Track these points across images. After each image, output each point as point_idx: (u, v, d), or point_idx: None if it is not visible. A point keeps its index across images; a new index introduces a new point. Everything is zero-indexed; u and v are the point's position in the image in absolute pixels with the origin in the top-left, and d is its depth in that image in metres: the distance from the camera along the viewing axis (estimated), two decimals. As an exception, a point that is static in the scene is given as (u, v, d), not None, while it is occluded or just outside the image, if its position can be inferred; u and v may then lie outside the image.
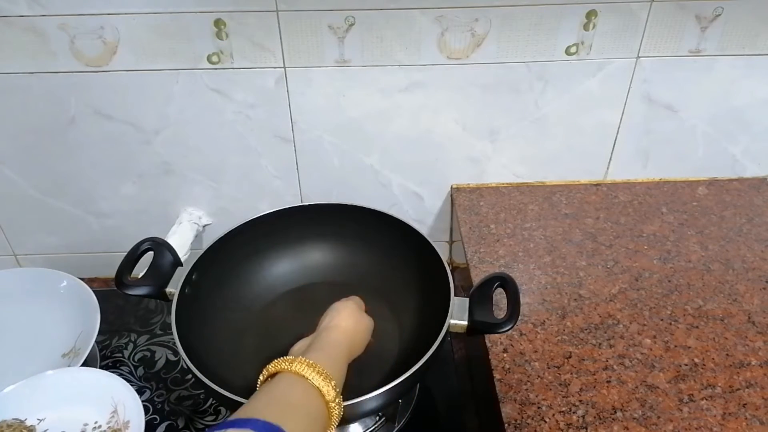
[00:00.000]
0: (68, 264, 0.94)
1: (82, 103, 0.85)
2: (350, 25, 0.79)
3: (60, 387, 0.58)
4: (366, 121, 0.88)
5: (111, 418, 0.57)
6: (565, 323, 0.73)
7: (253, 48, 0.80)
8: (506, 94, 0.86)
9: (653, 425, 0.62)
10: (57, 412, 0.57)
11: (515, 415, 0.63)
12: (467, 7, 0.77)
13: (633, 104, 0.88)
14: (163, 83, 0.83)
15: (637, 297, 0.76)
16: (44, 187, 0.94)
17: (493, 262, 0.82)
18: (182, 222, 0.95)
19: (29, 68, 0.81)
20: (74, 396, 0.58)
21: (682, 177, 0.96)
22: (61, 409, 0.57)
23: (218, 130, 0.88)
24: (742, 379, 0.66)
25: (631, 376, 0.67)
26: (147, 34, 0.79)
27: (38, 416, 0.56)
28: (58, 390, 0.58)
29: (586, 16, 0.79)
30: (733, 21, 0.80)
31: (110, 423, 0.57)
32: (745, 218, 0.89)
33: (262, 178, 0.94)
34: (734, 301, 0.75)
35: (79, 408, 0.58)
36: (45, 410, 0.56)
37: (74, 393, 0.58)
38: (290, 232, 0.84)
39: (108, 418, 0.57)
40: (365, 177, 0.94)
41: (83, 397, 0.58)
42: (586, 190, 0.95)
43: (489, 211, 0.91)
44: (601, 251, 0.83)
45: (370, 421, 0.75)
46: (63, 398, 0.58)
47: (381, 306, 0.80)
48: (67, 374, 0.60)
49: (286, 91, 0.85)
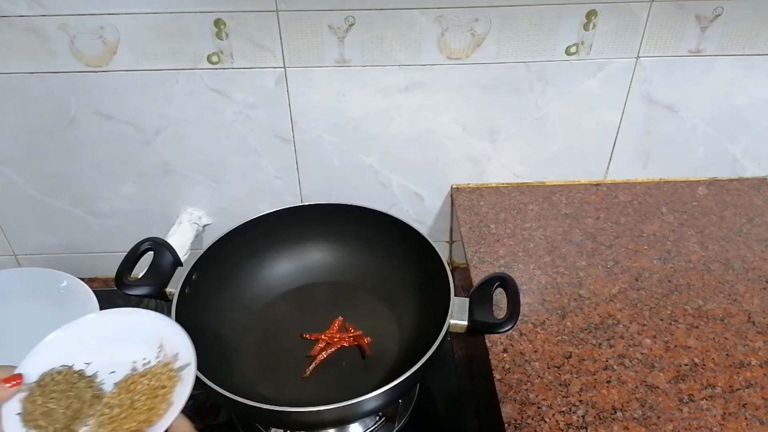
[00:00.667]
0: (68, 264, 0.94)
1: (82, 103, 0.85)
2: (350, 25, 0.79)
3: (101, 330, 0.57)
4: (366, 121, 0.88)
5: (159, 353, 0.56)
6: (565, 323, 0.73)
7: (253, 48, 0.80)
8: (506, 94, 0.86)
9: (653, 425, 0.62)
10: (102, 355, 0.55)
11: (515, 415, 0.63)
12: (467, 7, 0.78)
13: (633, 104, 0.88)
14: (163, 83, 0.83)
15: (637, 297, 0.76)
16: (44, 187, 0.94)
17: (493, 262, 0.82)
18: (182, 222, 0.95)
19: (29, 68, 0.81)
20: (117, 337, 0.57)
21: (682, 177, 0.96)
22: (105, 351, 0.56)
23: (218, 130, 0.88)
24: (742, 379, 0.66)
25: (631, 376, 0.67)
26: (147, 34, 0.79)
27: (84, 360, 0.54)
28: (100, 333, 0.57)
29: (586, 16, 0.79)
30: (733, 21, 0.80)
31: (159, 357, 0.56)
32: (745, 218, 0.89)
33: (262, 178, 0.94)
34: (734, 301, 0.75)
35: (124, 348, 0.56)
36: (90, 353, 0.55)
37: (117, 334, 0.57)
38: (290, 232, 0.83)
39: (156, 353, 0.56)
40: (365, 177, 0.94)
41: (126, 336, 0.57)
42: (586, 190, 0.95)
43: (489, 211, 0.91)
44: (601, 251, 0.83)
45: (370, 421, 0.75)
46: (106, 340, 0.56)
47: (381, 306, 0.81)
48: (106, 316, 0.59)
49: (286, 91, 0.85)
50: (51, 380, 0.51)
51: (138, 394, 0.52)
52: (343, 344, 0.76)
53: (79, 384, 0.52)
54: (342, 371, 0.74)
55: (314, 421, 0.63)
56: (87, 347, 0.54)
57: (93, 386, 0.52)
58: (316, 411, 0.57)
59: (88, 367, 0.53)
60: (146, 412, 0.51)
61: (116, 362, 0.55)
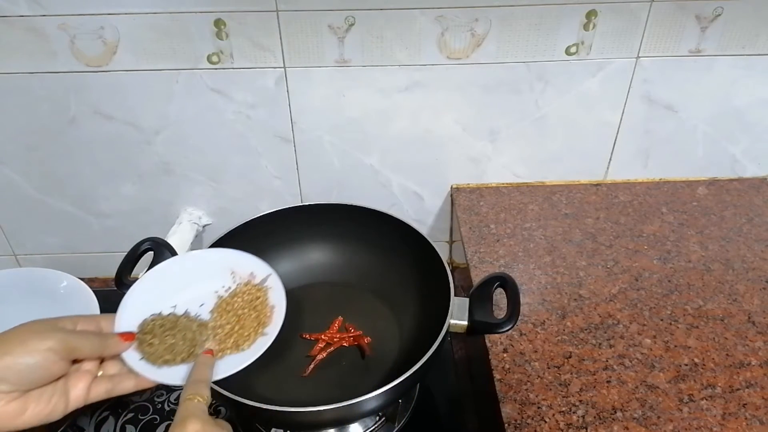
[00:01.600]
0: (68, 264, 0.94)
1: (82, 103, 0.85)
2: (350, 25, 0.79)
3: (168, 279, 0.61)
4: (366, 121, 0.88)
5: (234, 277, 0.62)
6: (565, 323, 0.73)
7: (253, 48, 0.80)
8: (506, 94, 0.86)
9: (653, 425, 0.62)
10: (181, 297, 0.60)
11: (515, 415, 0.63)
12: (467, 7, 0.78)
13: (633, 104, 0.88)
14: (163, 83, 0.83)
15: (637, 297, 0.76)
16: (44, 187, 0.94)
17: (493, 262, 0.82)
18: (182, 222, 0.95)
19: (29, 68, 0.81)
20: (187, 280, 0.61)
21: (682, 177, 0.96)
22: (183, 293, 0.60)
23: (218, 130, 0.88)
24: (742, 379, 0.66)
25: (631, 376, 0.67)
26: (147, 34, 0.79)
27: (169, 305, 0.59)
28: (168, 282, 0.61)
29: (586, 16, 0.79)
30: (733, 21, 0.80)
31: (236, 281, 0.61)
32: (745, 218, 0.89)
33: (262, 178, 0.94)
34: (734, 301, 0.75)
35: (199, 286, 0.61)
36: (170, 299, 0.60)
37: (185, 278, 0.61)
38: (290, 232, 0.83)
39: (231, 279, 0.62)
40: (365, 177, 0.94)
41: (195, 277, 0.61)
42: (586, 190, 0.95)
43: (489, 211, 0.91)
44: (601, 251, 0.83)
45: (370, 421, 0.75)
46: (178, 286, 0.61)
47: (381, 306, 0.81)
48: (167, 266, 0.63)
49: (286, 91, 0.85)
50: (153, 326, 0.56)
51: (239, 310, 0.58)
52: (343, 344, 0.76)
53: (180, 320, 0.57)
54: (342, 371, 0.74)
55: (314, 421, 0.63)
56: (165, 296, 0.59)
57: (192, 319, 0.58)
58: (316, 411, 0.57)
59: (175, 309, 0.59)
60: (255, 319, 0.59)
61: (200, 297, 0.60)
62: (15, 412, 0.46)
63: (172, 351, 0.54)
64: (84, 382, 0.50)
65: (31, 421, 0.47)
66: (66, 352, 0.48)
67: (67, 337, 0.48)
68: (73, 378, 0.50)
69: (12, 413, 0.46)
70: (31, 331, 0.47)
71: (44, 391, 0.48)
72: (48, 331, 0.48)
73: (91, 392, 0.51)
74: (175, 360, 0.54)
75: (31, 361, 0.46)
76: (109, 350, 0.52)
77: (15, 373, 0.45)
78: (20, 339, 0.46)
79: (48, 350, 0.46)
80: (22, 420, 0.46)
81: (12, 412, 0.46)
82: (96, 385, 0.51)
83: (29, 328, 0.48)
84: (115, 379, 0.52)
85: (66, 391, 0.49)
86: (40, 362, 0.46)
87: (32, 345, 0.46)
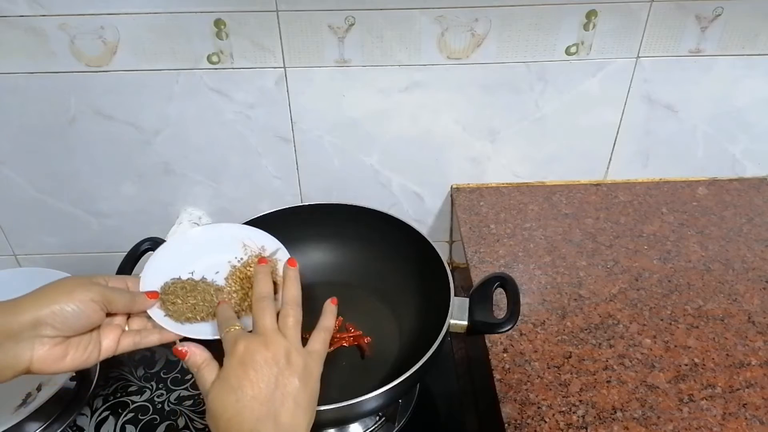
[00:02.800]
0: (68, 264, 0.94)
1: (82, 103, 0.85)
2: (350, 25, 0.79)
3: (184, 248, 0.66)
4: (366, 121, 0.88)
5: (245, 250, 0.66)
6: (565, 323, 0.73)
7: (253, 48, 0.80)
8: (506, 94, 0.86)
9: (653, 425, 0.62)
10: (197, 265, 0.65)
11: (515, 415, 0.63)
12: (467, 7, 0.78)
13: (633, 104, 0.88)
14: (163, 83, 0.83)
15: (637, 297, 0.76)
16: (44, 187, 0.94)
17: (493, 262, 0.82)
18: (182, 222, 0.95)
19: (29, 68, 0.81)
20: (201, 250, 0.66)
21: (682, 177, 0.96)
22: (198, 262, 0.65)
23: (218, 130, 0.88)
24: (742, 379, 0.66)
25: (631, 376, 0.67)
26: (147, 34, 0.79)
27: (187, 271, 0.64)
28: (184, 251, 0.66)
29: (586, 16, 0.79)
30: (733, 21, 0.80)
31: (248, 253, 0.66)
32: (745, 218, 0.89)
33: (262, 178, 0.94)
34: (734, 301, 0.75)
35: (213, 255, 0.65)
36: (187, 266, 0.64)
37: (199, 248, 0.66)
38: (290, 232, 0.83)
39: (243, 251, 0.66)
40: (365, 177, 0.94)
41: (209, 248, 0.66)
42: (586, 190, 0.95)
43: (489, 211, 0.91)
44: (601, 251, 0.83)
45: (370, 421, 0.75)
46: (194, 254, 0.65)
47: (381, 306, 0.81)
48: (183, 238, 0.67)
49: (286, 91, 0.85)
50: (174, 288, 0.61)
51: (251, 277, 0.61)
52: (343, 344, 0.76)
53: (199, 284, 0.62)
54: (342, 371, 0.74)
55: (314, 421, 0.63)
56: (182, 263, 0.64)
57: (209, 284, 0.63)
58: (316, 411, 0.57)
59: (193, 275, 0.64)
60: None
61: (214, 265, 0.65)
62: (58, 356, 0.51)
63: (194, 310, 0.59)
64: (114, 334, 0.56)
65: (70, 366, 0.52)
66: (104, 304, 0.53)
67: (105, 291, 0.54)
68: (106, 330, 0.56)
69: (55, 357, 0.51)
70: (75, 283, 0.53)
71: (82, 339, 0.53)
72: (89, 284, 0.53)
73: (120, 344, 0.56)
74: (196, 318, 0.59)
75: (76, 310, 0.51)
76: (138, 306, 0.58)
77: (61, 319, 0.50)
78: (66, 289, 0.51)
79: (90, 300, 0.52)
80: (63, 364, 0.51)
81: (55, 356, 0.51)
82: (124, 338, 0.57)
83: (73, 281, 0.53)
84: (141, 334, 0.58)
85: (99, 342, 0.55)
86: (83, 310, 0.51)
87: (77, 295, 0.51)
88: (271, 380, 0.48)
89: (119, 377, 0.85)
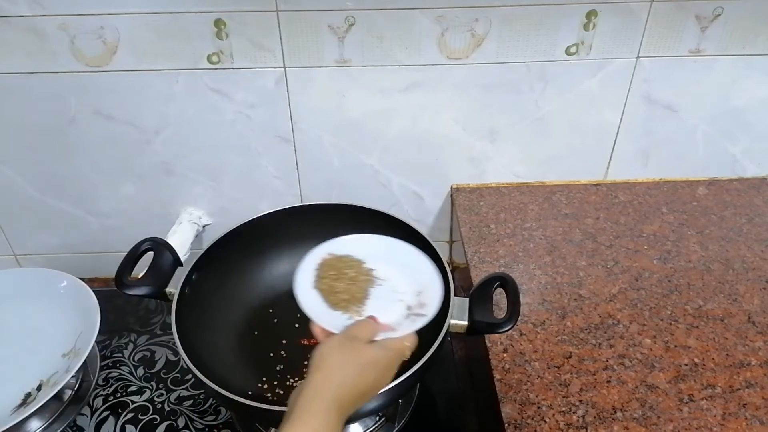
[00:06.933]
0: (68, 264, 0.94)
1: (82, 103, 0.85)
2: (350, 25, 0.79)
3: (386, 249, 0.66)
4: (366, 121, 0.88)
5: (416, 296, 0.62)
6: (565, 323, 0.73)
7: (253, 48, 0.80)
8: (506, 94, 0.86)
9: (653, 425, 0.62)
10: (382, 268, 0.64)
11: (515, 415, 0.63)
12: (467, 7, 0.77)
13: (633, 104, 0.88)
14: (163, 83, 0.83)
15: (637, 297, 0.76)
16: (44, 187, 0.94)
17: (493, 262, 0.82)
18: (182, 222, 0.95)
19: (29, 68, 0.81)
20: (396, 261, 0.65)
21: (682, 177, 0.96)
22: (387, 267, 0.64)
23: (218, 130, 0.88)
24: (742, 379, 0.66)
25: (631, 376, 0.67)
26: (147, 34, 0.79)
27: (371, 266, 0.64)
28: (385, 250, 0.66)
29: (586, 16, 0.79)
30: (733, 21, 0.80)
31: (411, 302, 0.62)
32: (745, 218, 0.89)
33: (262, 178, 0.94)
34: (734, 301, 0.75)
35: (399, 273, 0.64)
36: (376, 262, 0.64)
37: (398, 260, 0.65)
38: (290, 232, 0.83)
39: (412, 296, 0.62)
40: (365, 177, 0.94)
41: (402, 264, 0.65)
42: (586, 190, 0.95)
43: (489, 211, 0.91)
44: (601, 251, 0.83)
45: (370, 421, 0.75)
46: (389, 259, 0.65)
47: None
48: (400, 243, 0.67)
49: (286, 91, 0.85)
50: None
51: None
52: (343, 344, 0.76)
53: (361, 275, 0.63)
54: (342, 371, 0.74)
55: (314, 421, 0.63)
56: (377, 257, 0.65)
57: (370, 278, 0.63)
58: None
59: (372, 271, 0.64)
60: None
61: (388, 280, 0.63)
62: None
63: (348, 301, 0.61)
64: None
65: None
66: None
67: None
68: None
69: None
70: None
71: None
72: None
73: None
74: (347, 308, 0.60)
75: None
76: None
77: None
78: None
79: None
80: None
81: None
82: None
83: None
84: None
85: None
86: None
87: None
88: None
89: (119, 377, 0.85)
